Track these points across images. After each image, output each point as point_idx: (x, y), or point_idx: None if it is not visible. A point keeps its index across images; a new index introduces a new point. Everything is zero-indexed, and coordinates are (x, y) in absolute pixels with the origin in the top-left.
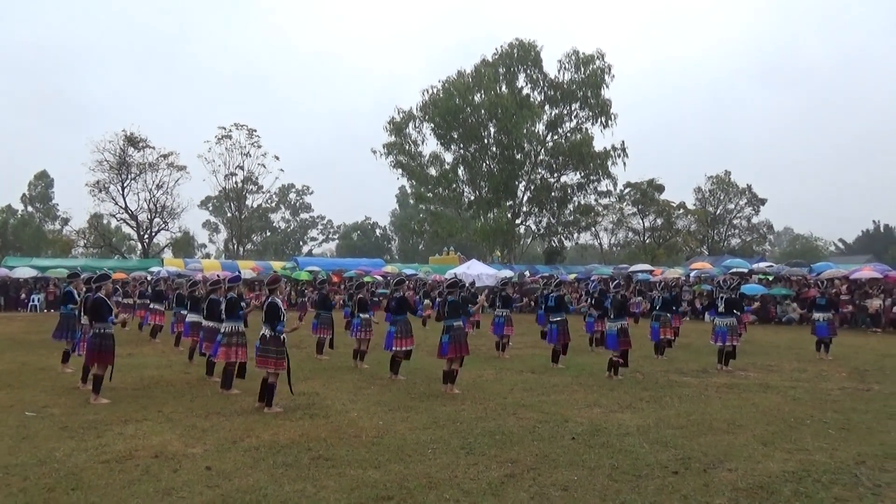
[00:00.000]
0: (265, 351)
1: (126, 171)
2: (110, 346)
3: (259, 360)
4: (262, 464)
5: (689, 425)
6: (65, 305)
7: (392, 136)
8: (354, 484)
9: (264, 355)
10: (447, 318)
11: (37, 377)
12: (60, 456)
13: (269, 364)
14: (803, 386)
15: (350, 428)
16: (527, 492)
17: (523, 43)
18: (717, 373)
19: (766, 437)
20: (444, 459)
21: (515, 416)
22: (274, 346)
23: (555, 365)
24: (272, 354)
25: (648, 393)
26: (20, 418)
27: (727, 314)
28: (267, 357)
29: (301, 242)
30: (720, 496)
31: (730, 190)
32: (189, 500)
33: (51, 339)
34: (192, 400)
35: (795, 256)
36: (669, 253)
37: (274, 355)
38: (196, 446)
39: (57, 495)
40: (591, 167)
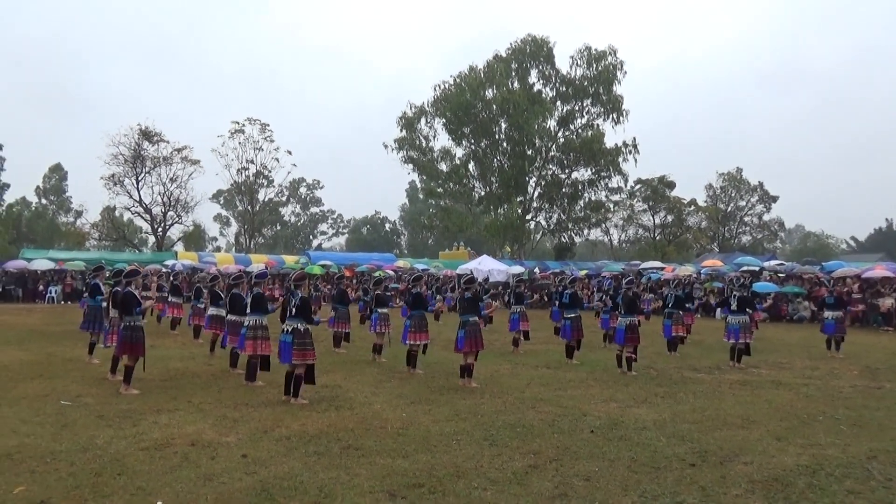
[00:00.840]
0: (302, 345)
1: (141, 165)
2: (140, 338)
3: (296, 353)
4: (295, 452)
5: (704, 420)
6: (92, 298)
7: (403, 132)
8: (385, 472)
9: (301, 349)
10: (463, 313)
11: (65, 367)
12: (101, 443)
13: (308, 356)
14: (815, 383)
15: (375, 419)
16: (550, 481)
17: (536, 39)
18: (729, 370)
19: (780, 432)
20: (468, 450)
21: (534, 409)
22: (309, 339)
23: (569, 360)
24: (309, 347)
25: (663, 389)
26: (57, 407)
27: (740, 312)
28: (305, 350)
29: (311, 236)
30: (737, 487)
31: (741, 187)
32: (229, 486)
33: (78, 330)
34: (219, 391)
35: (807, 254)
36: (680, 250)
37: (310, 347)
38: (230, 435)
39: (104, 480)
40: (603, 163)
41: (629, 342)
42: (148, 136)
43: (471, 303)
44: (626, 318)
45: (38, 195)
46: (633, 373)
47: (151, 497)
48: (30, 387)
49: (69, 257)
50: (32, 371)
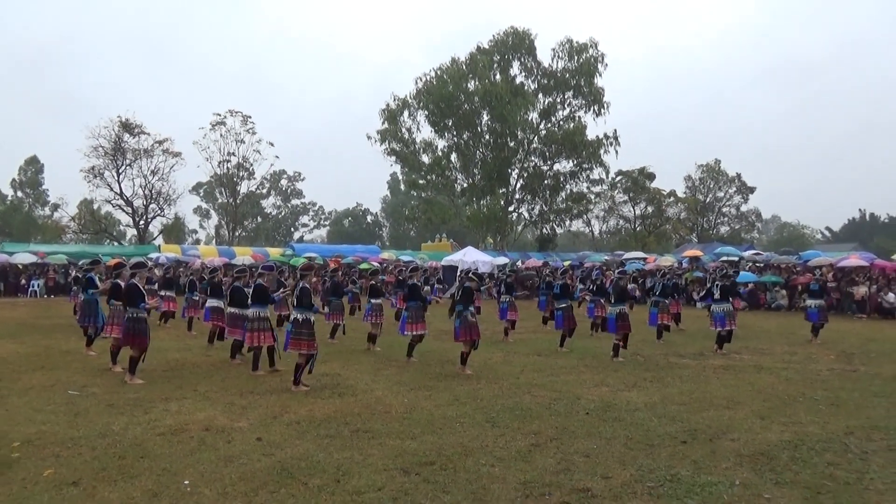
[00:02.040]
0: (297, 334)
1: (121, 157)
2: (144, 329)
3: (292, 342)
4: (306, 435)
5: (692, 402)
6: (86, 291)
7: (386, 124)
8: (396, 452)
9: (297, 338)
10: (460, 303)
11: (64, 359)
12: (117, 429)
13: (302, 346)
14: (794, 367)
15: (379, 405)
16: (553, 458)
17: (518, 31)
18: (713, 355)
19: (763, 412)
20: (472, 431)
21: (530, 394)
22: (306, 329)
23: (560, 348)
24: (304, 337)
25: (651, 374)
26: (65, 397)
27: (723, 300)
28: (300, 340)
29: (292, 228)
30: (726, 461)
31: (719, 178)
32: (249, 467)
33: (76, 324)
34: (222, 380)
35: (783, 244)
36: (660, 240)
37: (306, 338)
38: (241, 421)
39: (128, 462)
40: (584, 155)
41: (621, 330)
42: (128, 127)
43: (468, 294)
44: (616, 307)
45: (14, 188)
46: (620, 359)
47: (177, 477)
48: (34, 378)
49: (51, 250)
50: (33, 363)
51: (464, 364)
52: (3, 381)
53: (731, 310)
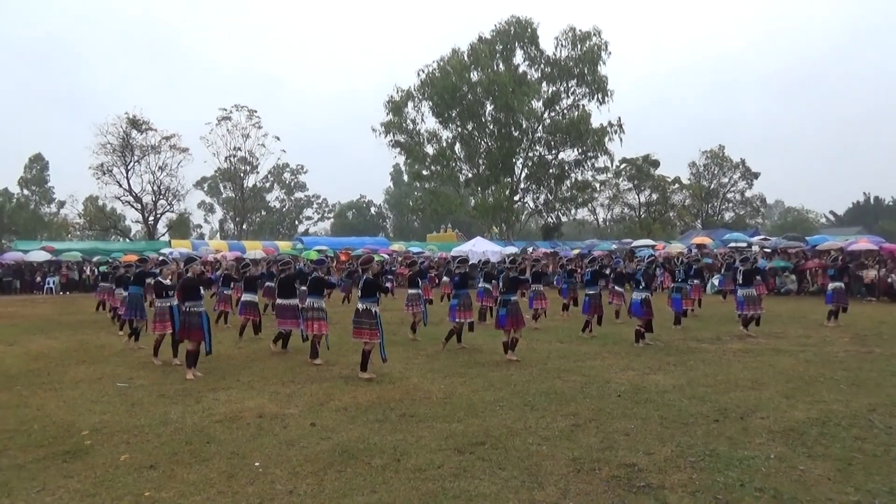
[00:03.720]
0: (359, 323)
1: (129, 154)
2: (198, 322)
3: (355, 331)
4: (357, 420)
5: (717, 384)
6: (135, 286)
7: (390, 116)
8: (445, 434)
9: (358, 327)
10: (505, 292)
11: (102, 353)
12: (175, 418)
13: (364, 335)
14: (811, 349)
15: (418, 391)
16: (595, 437)
17: (520, 20)
18: (731, 339)
19: (787, 392)
20: (513, 414)
21: (560, 379)
22: (367, 319)
23: (583, 334)
24: (365, 326)
25: (673, 358)
26: (115, 388)
27: (746, 285)
28: (361, 329)
29: (296, 222)
30: (759, 437)
31: (724, 164)
32: (311, 449)
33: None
34: (261, 371)
35: (787, 229)
36: (664, 227)
37: (367, 327)
38: (290, 408)
39: (196, 448)
40: (589, 144)
41: (646, 315)
42: (136, 124)
43: (512, 282)
44: (641, 293)
45: (21, 186)
46: (644, 344)
47: (246, 460)
48: (79, 371)
49: (64, 247)
50: (73, 358)
51: (513, 350)
52: (51, 374)
53: (755, 294)
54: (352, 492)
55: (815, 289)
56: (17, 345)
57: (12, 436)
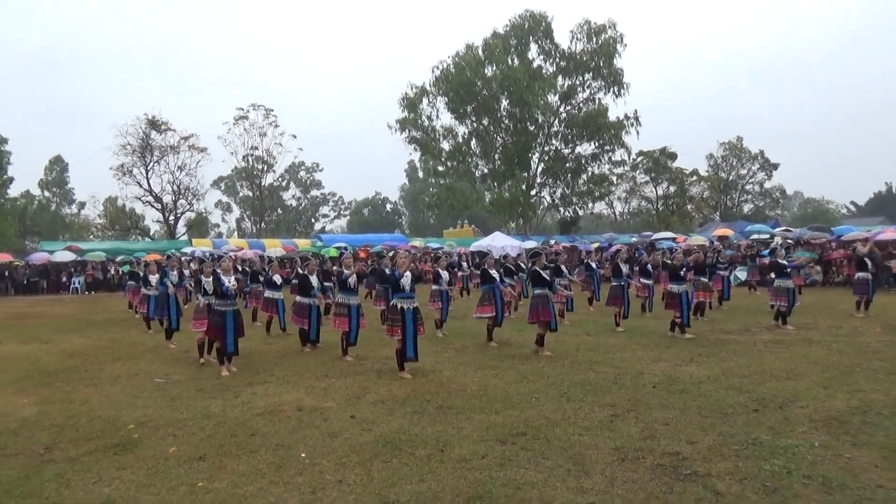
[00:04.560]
0: (393, 321)
1: (149, 154)
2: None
3: (388, 328)
4: (395, 413)
5: (752, 374)
6: (161, 284)
7: (405, 112)
8: (485, 425)
9: (392, 324)
10: (533, 286)
11: (135, 350)
12: (216, 411)
13: (396, 332)
14: (843, 340)
15: (452, 384)
16: (635, 427)
17: (534, 14)
18: (760, 331)
19: (824, 382)
20: (550, 405)
21: (593, 370)
22: (392, 315)
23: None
24: (397, 323)
25: (704, 349)
26: (153, 384)
27: (784, 276)
28: (394, 325)
29: (313, 219)
30: (801, 426)
31: (742, 156)
32: (354, 441)
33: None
34: (294, 366)
35: (808, 220)
36: (682, 220)
37: (390, 323)
38: (328, 401)
39: (241, 440)
40: (606, 137)
41: (670, 308)
42: (155, 125)
43: (537, 276)
44: (668, 286)
45: (42, 188)
46: (683, 335)
47: (292, 451)
48: (116, 368)
49: (88, 247)
50: (108, 355)
51: (541, 345)
52: (89, 371)
53: (792, 286)
54: (400, 481)
55: (841, 279)
56: (51, 343)
57: (61, 430)
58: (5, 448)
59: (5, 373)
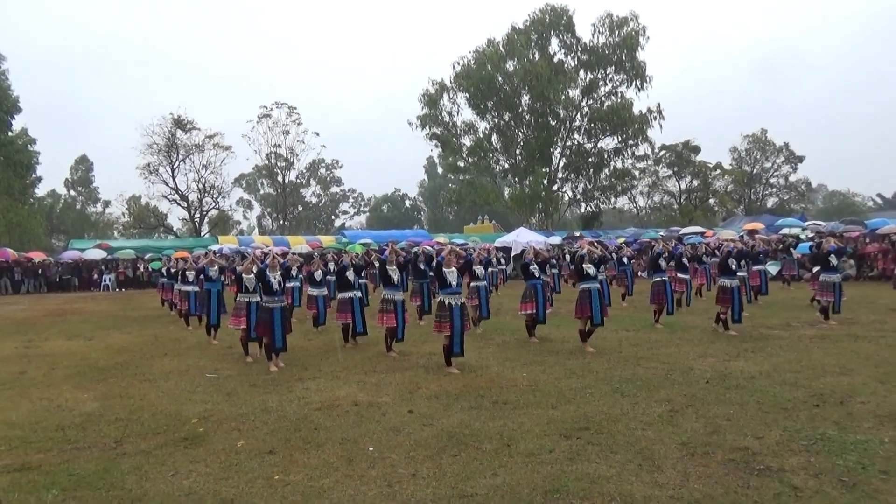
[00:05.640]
0: (440, 317)
1: (175, 153)
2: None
3: (436, 325)
4: (452, 408)
5: (804, 370)
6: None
7: (426, 109)
8: (545, 420)
9: (439, 321)
10: (580, 281)
11: (179, 346)
12: (274, 406)
13: (444, 328)
14: (891, 335)
15: (502, 379)
16: (697, 422)
17: (555, 8)
18: (801, 326)
19: (880, 377)
20: (606, 400)
21: (641, 366)
22: (439, 311)
23: (656, 325)
24: (445, 319)
25: (749, 345)
26: (205, 379)
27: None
28: (442, 322)
29: (333, 216)
30: (866, 422)
31: (766, 149)
32: (417, 435)
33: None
34: (339, 361)
35: (832, 213)
36: (705, 214)
37: (438, 319)
38: (382, 396)
39: (306, 434)
40: (630, 132)
41: (720, 303)
42: (181, 124)
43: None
44: (719, 280)
45: (67, 187)
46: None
47: (358, 445)
48: (165, 364)
49: (118, 245)
50: (154, 351)
51: (584, 341)
52: (139, 367)
53: (839, 280)
54: (474, 475)
55: (876, 273)
56: (95, 339)
57: (126, 424)
58: (77, 441)
59: (58, 368)
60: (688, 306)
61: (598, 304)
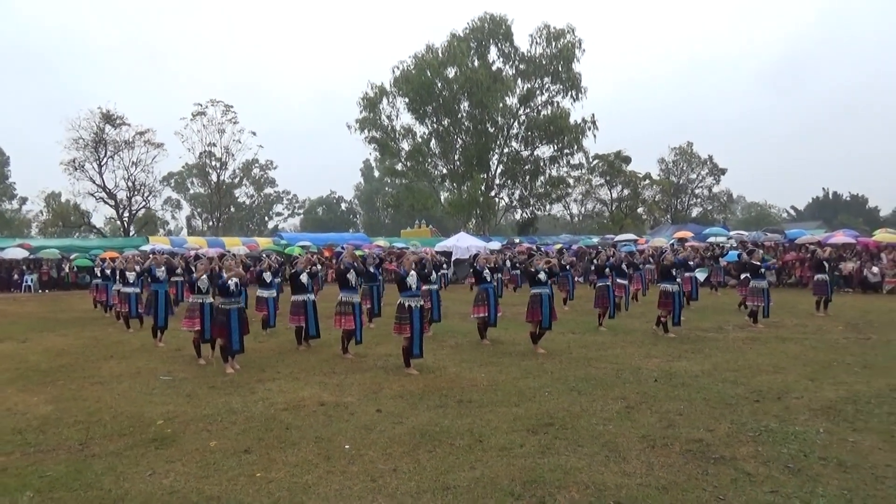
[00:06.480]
0: (399, 319)
1: (103, 149)
2: (223, 320)
3: (395, 326)
4: (418, 406)
5: (741, 369)
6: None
7: (364, 112)
8: (511, 417)
9: (399, 322)
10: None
11: (123, 349)
12: (239, 407)
13: (404, 330)
14: (813, 337)
15: (461, 380)
16: (651, 417)
17: (494, 17)
18: (732, 329)
19: (809, 375)
20: (564, 398)
21: (592, 367)
22: (399, 313)
23: (600, 328)
24: (405, 321)
25: (687, 346)
26: (159, 382)
27: (760, 277)
28: (401, 324)
29: (266, 217)
30: (802, 415)
31: (692, 160)
32: (390, 433)
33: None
34: (296, 363)
35: (751, 223)
36: (635, 222)
37: (398, 321)
38: (346, 397)
39: (278, 433)
40: (566, 140)
41: (662, 307)
42: (110, 119)
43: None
44: (661, 285)
45: None
46: (658, 330)
47: (332, 443)
48: (112, 366)
49: (40, 244)
50: (97, 353)
51: (535, 343)
52: (85, 369)
53: (767, 286)
54: (452, 469)
55: (794, 280)
56: (30, 342)
57: (87, 426)
58: (39, 444)
59: None
60: (626, 310)
61: (548, 308)
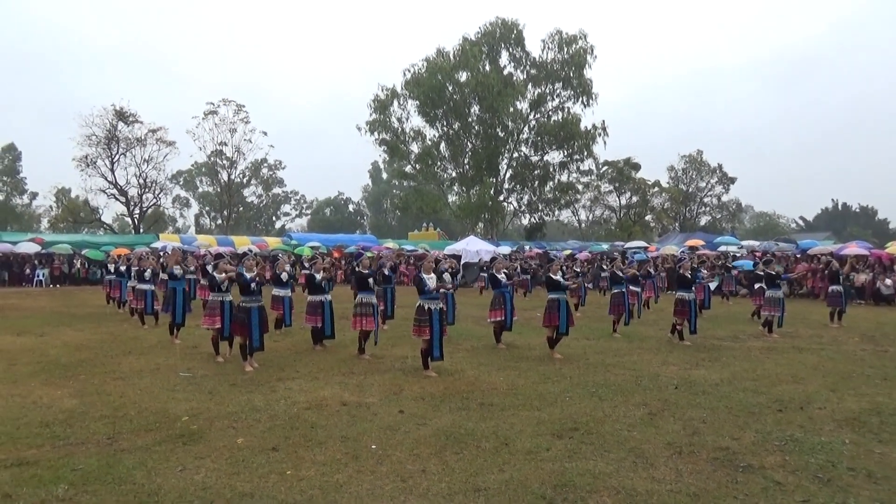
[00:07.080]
0: (418, 321)
1: (115, 146)
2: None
3: (414, 329)
4: (440, 409)
5: (760, 378)
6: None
7: (375, 114)
8: (535, 421)
9: (418, 325)
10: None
11: (141, 345)
12: (261, 405)
13: (423, 332)
14: (830, 348)
15: (481, 383)
16: (675, 424)
17: (505, 21)
18: (749, 338)
19: (830, 385)
20: (587, 403)
21: (610, 373)
22: (418, 315)
23: (614, 334)
24: (424, 323)
25: (704, 355)
26: (180, 378)
27: (774, 287)
28: (420, 326)
29: (274, 217)
30: (827, 425)
31: (702, 169)
32: (415, 434)
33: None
34: (314, 363)
35: (759, 233)
36: (643, 230)
37: (417, 323)
38: (368, 397)
39: (304, 432)
40: (576, 146)
41: (678, 315)
42: (123, 116)
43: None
44: (676, 293)
45: None
46: (674, 338)
47: (358, 443)
48: (132, 362)
49: (52, 239)
50: (115, 349)
51: (552, 348)
52: (105, 365)
53: (781, 296)
54: (481, 471)
55: (805, 291)
56: (47, 336)
57: (113, 421)
58: (67, 438)
59: (18, 365)
60: (639, 318)
61: (566, 314)
